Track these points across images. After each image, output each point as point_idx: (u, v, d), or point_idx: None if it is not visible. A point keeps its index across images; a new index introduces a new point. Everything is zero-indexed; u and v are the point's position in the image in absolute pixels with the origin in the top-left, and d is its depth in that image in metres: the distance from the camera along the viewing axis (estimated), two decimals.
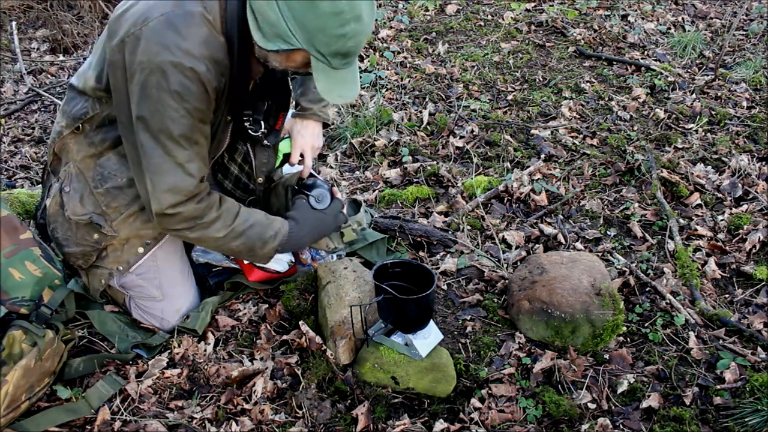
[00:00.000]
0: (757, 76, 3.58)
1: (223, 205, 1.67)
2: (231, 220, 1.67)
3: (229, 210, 1.68)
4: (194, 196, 1.59)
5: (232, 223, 1.67)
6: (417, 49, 3.94)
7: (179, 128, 1.50)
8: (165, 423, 1.61)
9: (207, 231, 1.64)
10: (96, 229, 1.75)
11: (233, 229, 1.68)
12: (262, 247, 1.73)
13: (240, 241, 1.70)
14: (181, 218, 1.60)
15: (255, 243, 1.72)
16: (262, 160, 1.92)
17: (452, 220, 2.45)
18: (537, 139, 3.03)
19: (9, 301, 1.64)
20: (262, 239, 1.73)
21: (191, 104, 1.48)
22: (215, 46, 1.49)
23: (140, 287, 1.84)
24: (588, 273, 1.96)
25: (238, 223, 1.69)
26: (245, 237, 1.70)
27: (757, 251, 2.33)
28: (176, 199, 1.56)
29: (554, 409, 1.70)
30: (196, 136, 1.54)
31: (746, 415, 1.67)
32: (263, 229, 1.73)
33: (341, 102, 1.60)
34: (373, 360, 1.74)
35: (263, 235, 1.73)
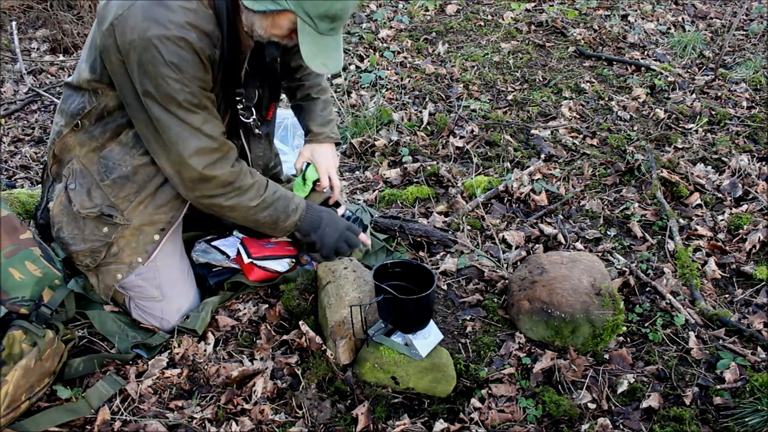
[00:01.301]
0: (757, 76, 3.58)
1: (255, 174, 1.70)
2: (263, 190, 1.71)
3: (261, 180, 1.71)
4: (224, 156, 1.61)
5: (264, 193, 1.70)
6: (417, 49, 3.94)
7: (185, 96, 1.51)
8: (165, 423, 1.61)
9: (241, 198, 1.67)
10: (106, 221, 1.74)
11: (264, 199, 1.70)
12: (285, 219, 1.76)
13: (268, 212, 1.72)
14: (218, 182, 1.62)
15: (280, 215, 1.75)
16: (257, 153, 1.93)
17: (452, 220, 2.45)
18: (537, 139, 3.03)
19: (9, 301, 1.64)
20: (286, 212, 1.76)
21: (189, 72, 1.50)
22: (204, 17, 1.51)
23: (140, 287, 1.84)
24: (588, 273, 1.96)
25: (269, 194, 1.72)
26: (273, 208, 1.73)
27: (757, 251, 2.33)
28: (208, 160, 1.58)
29: (554, 409, 1.70)
30: (203, 102, 1.56)
31: (746, 415, 1.67)
32: (287, 202, 1.76)
33: (324, 71, 1.61)
34: (373, 360, 1.74)
35: (287, 208, 1.76)
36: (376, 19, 4.24)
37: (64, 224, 1.78)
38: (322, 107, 2.04)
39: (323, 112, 2.03)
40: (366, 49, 3.86)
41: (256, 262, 1.99)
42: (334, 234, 1.82)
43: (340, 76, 3.55)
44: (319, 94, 2.05)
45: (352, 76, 3.58)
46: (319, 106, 2.03)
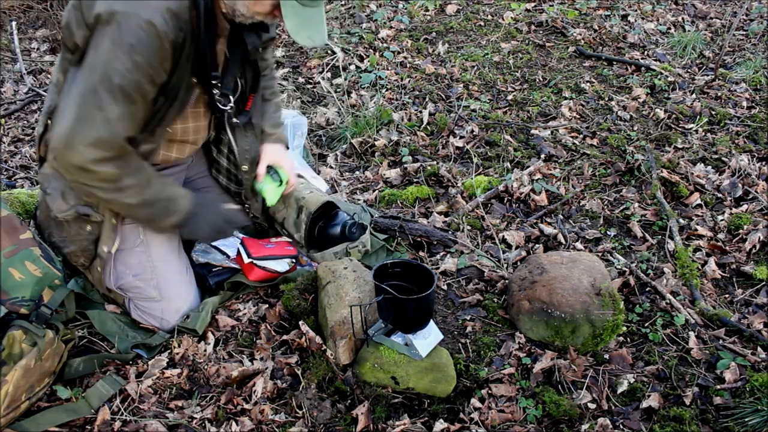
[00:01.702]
0: (757, 76, 3.58)
1: (141, 173, 1.64)
2: (146, 191, 1.66)
3: (143, 178, 1.65)
4: (116, 158, 1.56)
5: (145, 193, 1.66)
6: (417, 49, 3.94)
7: (121, 80, 1.47)
8: (165, 423, 1.61)
9: (119, 195, 1.62)
10: (85, 220, 1.75)
11: (144, 200, 1.66)
12: (164, 219, 1.73)
13: (147, 212, 1.69)
14: (99, 177, 1.57)
15: (160, 214, 1.72)
16: (244, 147, 1.93)
17: (452, 220, 2.45)
18: (537, 139, 3.03)
19: (9, 301, 1.64)
20: (167, 213, 1.73)
21: (143, 58, 1.46)
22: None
23: (138, 288, 1.84)
24: (588, 273, 1.96)
25: (149, 194, 1.67)
26: (153, 208, 1.70)
27: (757, 251, 2.33)
28: (98, 155, 1.52)
29: (554, 409, 1.70)
30: (135, 95, 1.50)
31: (746, 415, 1.67)
32: (168, 204, 1.73)
33: (309, 44, 1.61)
34: (373, 360, 1.74)
35: (167, 209, 1.73)
36: (376, 19, 4.24)
37: (52, 229, 1.81)
38: (274, 109, 2.07)
39: (275, 114, 2.06)
40: (366, 49, 3.86)
41: (256, 262, 1.99)
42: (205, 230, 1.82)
43: (340, 76, 3.55)
44: (272, 96, 2.07)
45: (352, 76, 3.58)
46: (272, 108, 2.06)
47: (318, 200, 2.12)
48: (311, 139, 3.06)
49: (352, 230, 2.09)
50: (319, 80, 3.52)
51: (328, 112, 3.21)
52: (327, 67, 3.65)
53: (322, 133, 3.11)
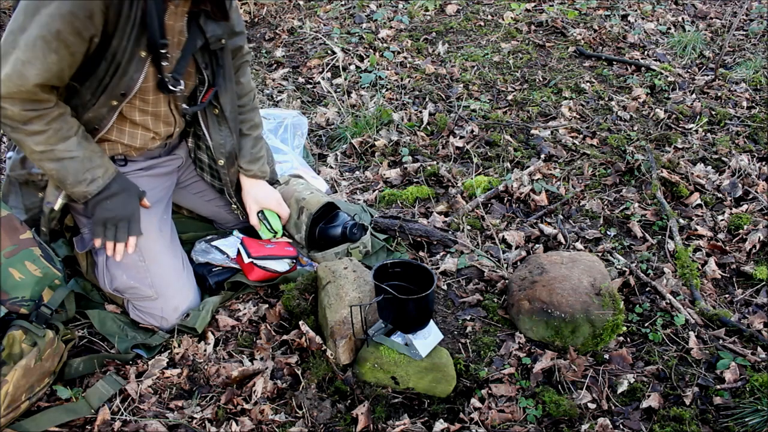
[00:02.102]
0: (757, 76, 3.58)
1: (55, 123, 1.62)
2: (55, 141, 1.62)
3: (59, 131, 1.62)
4: (27, 100, 1.54)
5: (55, 144, 1.62)
6: (417, 49, 3.94)
7: (42, 26, 1.46)
8: (165, 423, 1.61)
9: (26, 139, 1.60)
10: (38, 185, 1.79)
11: (52, 151, 1.62)
12: (73, 185, 1.68)
13: (54, 166, 1.65)
14: (6, 115, 1.56)
15: (68, 176, 1.67)
16: (219, 141, 1.93)
17: (452, 220, 2.45)
18: (537, 139, 3.03)
19: (9, 301, 1.64)
20: (75, 177, 1.67)
21: (66, 6, 1.44)
22: None
23: (134, 288, 1.84)
24: (588, 273, 1.96)
25: (60, 148, 1.63)
26: (60, 164, 1.65)
27: (757, 251, 2.33)
28: (5, 91, 1.51)
29: (554, 409, 1.70)
30: (55, 43, 1.48)
31: (746, 415, 1.67)
32: (82, 168, 1.67)
33: None
34: (373, 360, 1.74)
35: (78, 174, 1.67)
36: (376, 19, 4.24)
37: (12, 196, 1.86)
38: (253, 144, 2.04)
39: (253, 149, 2.04)
40: (366, 49, 3.86)
41: (256, 261, 1.99)
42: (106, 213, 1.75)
43: (340, 76, 3.55)
44: (251, 130, 2.05)
45: (352, 76, 3.58)
46: (250, 143, 2.04)
47: (318, 201, 2.12)
48: (311, 139, 3.06)
49: (353, 231, 2.09)
50: (319, 80, 3.52)
51: (328, 112, 3.21)
52: (327, 67, 3.65)
53: (322, 133, 3.11)
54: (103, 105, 1.68)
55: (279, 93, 3.44)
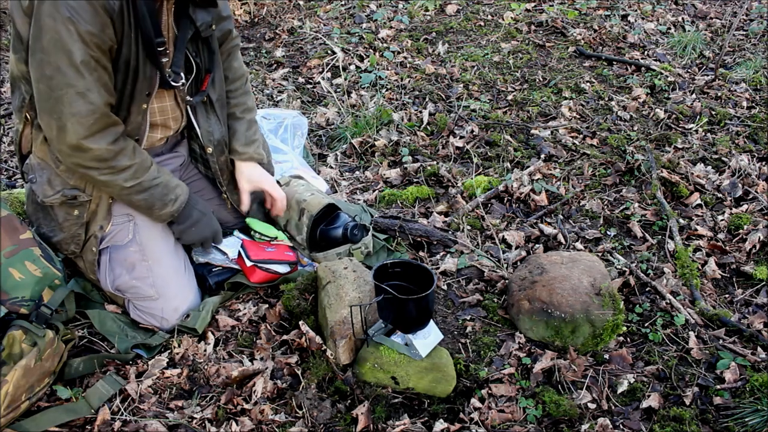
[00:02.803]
0: (757, 76, 3.58)
1: (137, 156, 1.70)
2: (142, 173, 1.71)
3: (142, 163, 1.71)
4: (105, 129, 1.60)
5: (142, 177, 1.71)
6: (417, 49, 3.94)
7: (74, 52, 1.49)
8: (165, 423, 1.61)
9: (115, 177, 1.67)
10: (72, 204, 1.77)
11: (141, 183, 1.71)
12: (161, 207, 1.79)
13: (143, 196, 1.74)
14: (93, 156, 1.61)
15: (156, 202, 1.77)
16: (207, 128, 1.94)
17: (452, 220, 2.45)
18: (537, 139, 3.03)
19: (9, 301, 1.64)
20: (163, 200, 1.78)
21: (83, 27, 1.48)
22: None
23: (135, 288, 1.85)
24: (588, 273, 1.96)
25: (147, 178, 1.72)
26: (149, 194, 1.74)
27: (757, 251, 2.33)
28: (86, 130, 1.57)
29: (554, 409, 1.70)
30: (93, 63, 1.53)
31: (746, 415, 1.67)
32: (166, 191, 1.78)
33: None
34: (373, 360, 1.74)
35: (165, 197, 1.78)
36: (376, 19, 4.24)
37: (40, 220, 1.83)
38: (247, 127, 2.05)
39: (248, 132, 2.05)
40: (366, 49, 3.86)
41: (258, 264, 1.99)
42: (195, 236, 1.91)
43: (340, 76, 3.55)
44: (245, 114, 2.05)
45: (352, 76, 3.58)
46: (244, 126, 2.04)
47: (319, 202, 2.12)
48: (311, 139, 3.06)
49: (353, 232, 2.09)
50: (319, 80, 3.52)
51: (328, 112, 3.21)
52: (327, 67, 3.65)
53: (322, 133, 3.11)
54: (137, 113, 1.72)
55: (279, 93, 3.44)
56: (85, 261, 1.87)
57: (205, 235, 1.92)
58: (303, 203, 2.14)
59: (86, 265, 1.88)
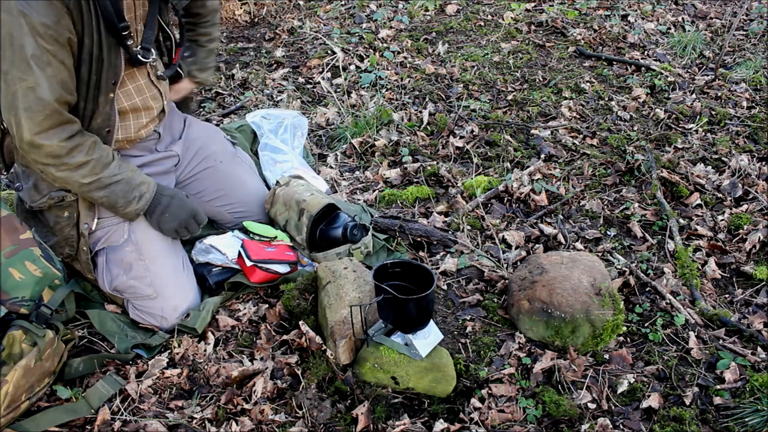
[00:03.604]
0: (757, 76, 3.58)
1: (95, 152, 1.67)
2: (99, 170, 1.68)
3: (100, 159, 1.68)
4: (57, 126, 1.57)
5: (100, 173, 1.68)
6: (417, 49, 3.94)
7: (27, 48, 1.48)
8: (165, 423, 1.61)
9: (72, 174, 1.65)
10: (61, 206, 1.78)
11: (99, 179, 1.69)
12: (124, 206, 1.77)
13: (103, 193, 1.72)
14: (46, 153, 1.59)
15: (118, 199, 1.74)
16: None
17: (452, 220, 2.45)
18: (537, 139, 3.03)
19: (9, 301, 1.64)
20: (126, 198, 1.75)
21: (35, 19, 1.46)
22: None
23: (133, 288, 1.85)
24: (588, 273, 1.96)
25: (106, 175, 1.70)
26: (109, 191, 1.72)
27: (757, 251, 2.33)
28: (38, 126, 1.55)
29: (554, 409, 1.70)
30: (46, 58, 1.51)
31: (746, 415, 1.67)
32: (129, 188, 1.75)
33: None
34: (373, 360, 1.74)
35: (128, 195, 1.75)
36: (376, 19, 4.24)
37: (32, 226, 1.82)
38: (206, 55, 2.13)
39: (206, 60, 2.13)
40: (366, 49, 3.86)
41: (258, 264, 1.99)
42: (172, 222, 1.86)
43: (340, 76, 3.55)
44: (208, 43, 2.13)
45: (352, 76, 3.58)
46: (203, 54, 2.12)
47: (319, 203, 2.13)
48: (311, 139, 3.06)
49: (353, 232, 2.09)
50: (319, 80, 3.52)
51: (328, 112, 3.21)
52: (327, 67, 3.65)
53: (322, 133, 3.11)
54: (105, 103, 1.70)
55: (279, 93, 3.44)
56: (81, 262, 1.87)
57: (181, 218, 1.87)
58: (303, 203, 2.14)
59: (82, 266, 1.88)
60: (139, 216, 1.82)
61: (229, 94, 3.45)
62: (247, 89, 3.49)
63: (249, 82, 3.55)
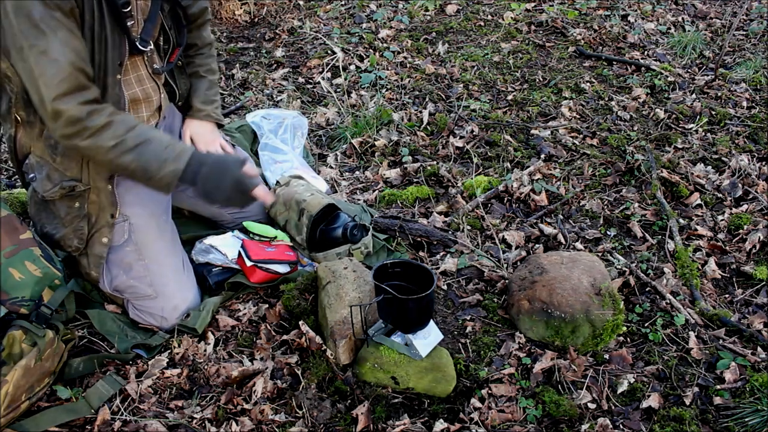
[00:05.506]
0: (757, 76, 3.58)
1: (117, 115, 1.62)
2: (123, 131, 1.60)
3: (123, 121, 1.62)
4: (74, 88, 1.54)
5: (125, 134, 1.60)
6: (417, 49, 3.94)
7: (35, 12, 1.47)
8: (165, 423, 1.61)
9: (97, 139, 1.57)
10: (72, 196, 1.76)
11: (124, 141, 1.59)
12: (158, 168, 1.63)
13: (132, 156, 1.61)
14: (68, 118, 1.54)
15: (150, 162, 1.62)
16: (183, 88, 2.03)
17: (452, 220, 2.45)
18: (537, 139, 3.03)
19: (9, 301, 1.64)
20: (158, 159, 1.62)
21: None
22: None
23: (133, 287, 1.85)
24: (588, 273, 1.96)
25: (131, 136, 1.60)
26: (137, 153, 1.61)
27: (757, 251, 2.33)
28: (55, 91, 1.51)
29: (554, 409, 1.70)
30: (54, 22, 1.49)
31: (746, 415, 1.67)
32: (160, 148, 1.63)
33: None
34: (373, 360, 1.74)
35: (159, 155, 1.63)
36: (376, 19, 4.24)
37: (43, 219, 1.82)
38: (208, 86, 2.11)
39: (208, 92, 2.11)
40: (366, 49, 3.86)
41: (258, 264, 1.99)
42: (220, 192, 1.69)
43: (340, 76, 3.55)
44: (207, 74, 2.11)
45: (352, 76, 3.58)
46: (206, 85, 2.10)
47: (319, 203, 2.13)
48: (311, 139, 3.06)
49: (353, 232, 2.09)
50: (319, 80, 3.52)
51: (328, 112, 3.21)
52: (327, 67, 3.65)
53: (322, 133, 3.11)
54: (114, 85, 1.70)
55: (279, 93, 3.44)
56: (90, 255, 1.84)
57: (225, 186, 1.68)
58: (303, 203, 2.14)
59: (91, 260, 1.85)
60: (176, 180, 1.65)
61: (229, 94, 3.45)
62: (247, 89, 3.49)
63: (249, 82, 3.56)
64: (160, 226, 1.90)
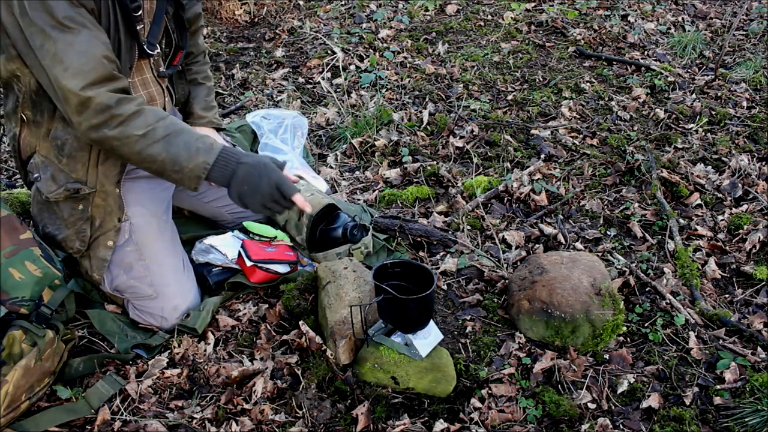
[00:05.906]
0: (757, 76, 3.58)
1: (146, 106, 1.61)
2: (154, 120, 1.57)
3: (154, 111, 1.60)
4: (103, 77, 1.53)
5: (155, 123, 1.57)
6: (417, 49, 3.94)
7: (58, 10, 1.47)
8: (165, 423, 1.61)
9: (126, 128, 1.54)
10: (76, 198, 1.76)
11: (155, 129, 1.56)
12: (188, 159, 1.58)
13: (161, 147, 1.57)
14: (97, 105, 1.52)
15: (180, 152, 1.58)
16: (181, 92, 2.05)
17: (452, 220, 2.45)
18: (537, 139, 3.03)
19: (9, 301, 1.64)
20: (188, 149, 1.59)
21: None
22: None
23: (133, 288, 1.85)
24: (588, 273, 1.96)
25: (161, 125, 1.58)
26: (167, 143, 1.57)
27: (757, 251, 2.33)
28: (84, 79, 1.50)
29: (554, 409, 1.70)
30: (79, 18, 1.50)
31: (746, 415, 1.67)
32: (190, 138, 1.60)
33: None
34: (373, 360, 1.74)
35: (190, 145, 1.59)
36: (376, 19, 4.24)
37: (45, 219, 1.82)
38: (207, 93, 2.14)
39: (208, 98, 2.14)
40: (366, 49, 3.86)
41: (258, 264, 1.99)
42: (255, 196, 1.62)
43: (340, 76, 3.55)
44: (205, 80, 2.14)
45: (352, 76, 3.58)
46: (204, 92, 2.13)
47: (319, 203, 2.13)
48: (311, 139, 3.06)
49: (353, 232, 2.09)
50: (319, 80, 3.52)
51: (328, 112, 3.21)
52: (327, 67, 3.65)
53: (322, 133, 3.11)
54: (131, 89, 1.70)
55: (279, 93, 3.44)
56: (93, 258, 1.83)
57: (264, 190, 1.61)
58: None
59: (93, 262, 1.84)
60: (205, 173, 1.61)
61: (229, 94, 3.45)
62: (247, 89, 3.49)
63: (249, 82, 3.56)
64: (160, 226, 1.90)
